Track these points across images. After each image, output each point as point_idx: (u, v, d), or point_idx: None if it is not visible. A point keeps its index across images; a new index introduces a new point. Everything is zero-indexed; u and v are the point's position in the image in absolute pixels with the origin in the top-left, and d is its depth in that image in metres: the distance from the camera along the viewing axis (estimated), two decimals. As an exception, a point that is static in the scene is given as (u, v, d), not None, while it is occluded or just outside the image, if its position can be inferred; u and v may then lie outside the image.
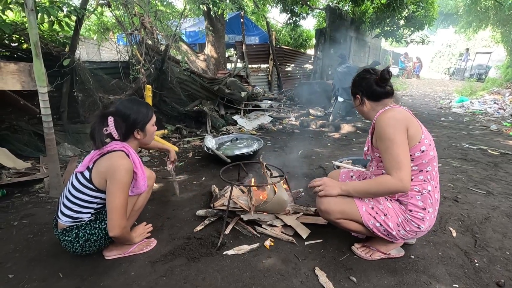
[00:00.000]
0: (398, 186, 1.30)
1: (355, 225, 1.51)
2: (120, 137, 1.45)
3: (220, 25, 7.12)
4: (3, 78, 2.44)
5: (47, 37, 3.36)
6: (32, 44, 2.08)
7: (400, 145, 1.31)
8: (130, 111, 1.47)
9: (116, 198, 1.35)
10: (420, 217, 1.41)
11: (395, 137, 1.31)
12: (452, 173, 2.91)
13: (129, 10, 3.62)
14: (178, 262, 1.56)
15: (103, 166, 1.37)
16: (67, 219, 1.42)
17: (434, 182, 1.44)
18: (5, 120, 3.08)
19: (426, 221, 1.42)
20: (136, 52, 3.72)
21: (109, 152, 1.39)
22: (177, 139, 4.26)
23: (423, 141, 1.38)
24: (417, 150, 1.37)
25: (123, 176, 1.36)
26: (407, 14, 9.54)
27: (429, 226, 1.44)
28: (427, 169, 1.41)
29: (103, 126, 1.41)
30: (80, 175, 1.42)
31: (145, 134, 1.54)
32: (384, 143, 1.34)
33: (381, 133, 1.36)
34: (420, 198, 1.41)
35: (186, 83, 4.81)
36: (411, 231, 1.44)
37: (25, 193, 2.41)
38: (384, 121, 1.36)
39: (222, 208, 2.07)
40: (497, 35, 12.60)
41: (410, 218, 1.42)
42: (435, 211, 1.45)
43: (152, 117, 1.55)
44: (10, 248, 1.69)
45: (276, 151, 3.73)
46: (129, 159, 1.42)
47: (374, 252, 1.58)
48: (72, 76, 3.39)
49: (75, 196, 1.41)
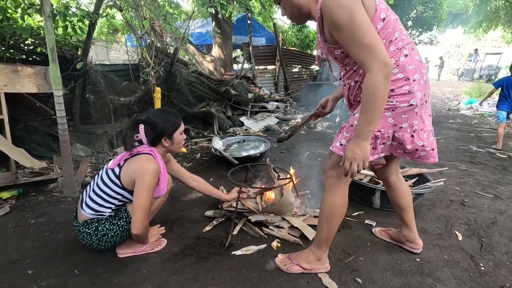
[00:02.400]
0: (386, 74, 1.05)
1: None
2: (148, 144, 1.56)
3: (227, 26, 7.18)
4: (20, 81, 2.53)
5: (61, 41, 3.46)
6: (48, 49, 2.16)
7: (362, 24, 1.04)
8: (159, 119, 1.56)
9: (143, 198, 1.44)
10: (406, 90, 1.19)
11: (354, 17, 1.03)
12: (460, 176, 2.91)
13: (139, 13, 3.70)
14: (188, 261, 1.61)
15: (132, 166, 1.46)
16: (90, 211, 1.51)
17: (409, 46, 1.20)
18: (21, 121, 3.19)
19: (416, 92, 1.19)
20: (146, 54, 3.79)
21: (139, 154, 1.49)
22: (185, 140, 4.32)
23: (379, 6, 1.13)
24: (378, 21, 1.13)
25: (151, 178, 1.45)
26: (415, 15, 9.46)
27: (423, 95, 1.22)
28: (395, 35, 1.17)
29: (134, 133, 1.52)
30: (110, 171, 1.51)
31: (173, 142, 1.61)
32: (343, 30, 1.07)
33: (335, 19, 1.06)
34: (398, 71, 1.18)
35: (194, 84, 4.87)
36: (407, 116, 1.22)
37: (40, 192, 2.49)
38: (332, 5, 1.05)
39: (230, 209, 2.12)
40: (508, 36, 12.41)
41: (396, 103, 1.19)
42: (422, 75, 1.21)
43: (179, 126, 1.63)
44: (28, 245, 1.76)
45: (283, 152, 3.76)
46: (156, 162, 1.50)
47: (293, 266, 1.53)
48: (85, 78, 3.49)
49: (102, 189, 1.50)
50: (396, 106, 1.20)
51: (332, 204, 1.39)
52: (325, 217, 1.42)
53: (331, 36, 1.16)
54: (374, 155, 1.30)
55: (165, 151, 1.66)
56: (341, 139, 1.31)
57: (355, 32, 1.04)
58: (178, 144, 1.65)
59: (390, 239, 1.80)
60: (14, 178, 2.41)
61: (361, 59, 1.08)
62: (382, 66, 1.04)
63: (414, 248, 1.68)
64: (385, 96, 1.09)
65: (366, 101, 1.10)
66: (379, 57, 1.04)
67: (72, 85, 3.28)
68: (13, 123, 2.90)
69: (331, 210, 1.40)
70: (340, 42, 1.13)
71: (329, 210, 1.40)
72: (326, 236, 1.46)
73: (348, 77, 1.32)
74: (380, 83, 1.05)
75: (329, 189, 1.39)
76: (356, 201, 2.32)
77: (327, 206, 1.40)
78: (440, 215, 2.13)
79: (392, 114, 1.22)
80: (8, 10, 2.92)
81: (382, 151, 1.31)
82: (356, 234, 1.88)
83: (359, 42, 1.05)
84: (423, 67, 1.23)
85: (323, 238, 1.47)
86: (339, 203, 1.39)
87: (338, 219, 1.42)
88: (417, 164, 3.24)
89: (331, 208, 1.39)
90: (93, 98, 3.61)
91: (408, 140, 1.26)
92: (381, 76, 1.04)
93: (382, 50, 1.05)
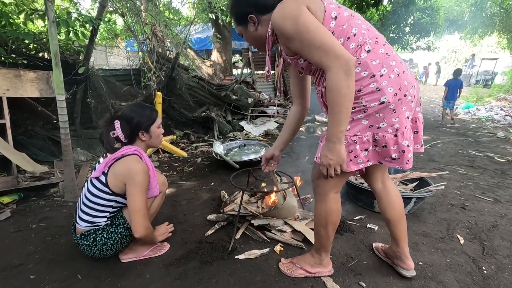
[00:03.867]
0: (346, 69, 1.00)
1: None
2: (126, 139, 1.53)
3: (227, 32, 7.26)
4: (23, 86, 2.54)
5: (63, 46, 3.48)
6: (52, 54, 2.18)
7: (309, 27, 1.02)
8: (134, 113, 1.53)
9: (136, 200, 1.42)
10: (374, 88, 1.11)
11: (300, 23, 1.02)
12: (459, 180, 2.93)
13: (141, 19, 3.74)
14: (191, 266, 1.61)
15: (119, 170, 1.44)
16: (84, 223, 1.49)
17: (371, 40, 1.13)
18: (22, 125, 3.19)
19: (386, 88, 1.11)
20: (147, 59, 3.82)
21: (124, 156, 1.46)
22: (185, 145, 4.33)
23: (328, 6, 1.11)
24: (330, 20, 1.10)
25: (141, 178, 1.42)
26: (412, 21, 9.60)
27: (397, 90, 1.12)
28: (353, 31, 1.11)
29: (110, 130, 1.50)
30: (95, 180, 1.47)
31: (150, 135, 1.58)
32: (294, 39, 1.06)
33: (283, 31, 1.06)
34: (361, 69, 1.11)
35: (194, 89, 4.90)
36: (382, 115, 1.14)
37: (41, 197, 2.49)
38: (277, 18, 1.05)
39: (232, 213, 2.13)
40: (503, 41, 12.59)
41: (365, 103, 1.12)
42: (391, 68, 1.12)
43: (156, 119, 1.59)
44: (30, 250, 1.75)
45: (283, 157, 3.77)
46: (143, 161, 1.49)
47: (297, 269, 1.53)
48: (86, 83, 3.51)
49: (91, 201, 1.47)
50: (366, 106, 1.13)
51: (324, 212, 1.37)
52: (319, 225, 1.42)
53: (288, 49, 1.17)
54: (358, 164, 1.21)
55: (146, 146, 1.62)
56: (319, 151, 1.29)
57: (304, 38, 1.03)
58: (156, 138, 1.62)
59: (385, 257, 1.65)
60: (15, 183, 2.40)
61: (319, 62, 1.04)
62: (340, 62, 0.99)
63: (402, 267, 1.50)
64: (349, 93, 1.02)
65: (331, 101, 1.05)
66: (335, 54, 1.00)
67: (74, 90, 3.29)
68: (14, 128, 2.90)
69: (324, 218, 1.38)
70: (296, 51, 1.12)
71: (323, 218, 1.39)
72: (324, 242, 1.45)
73: (318, 84, 1.29)
74: (340, 79, 1.00)
75: (319, 198, 1.39)
76: (358, 205, 2.33)
77: (320, 214, 1.39)
78: (442, 219, 2.14)
79: (365, 116, 1.15)
80: (12, 15, 2.94)
81: (368, 160, 1.23)
82: (358, 238, 1.88)
83: (311, 46, 1.03)
84: (392, 59, 1.13)
85: (321, 244, 1.47)
86: (331, 211, 1.36)
87: (333, 225, 1.40)
88: (417, 168, 3.27)
89: (324, 216, 1.38)
90: (94, 103, 3.62)
91: (391, 141, 1.17)
92: (341, 72, 1.00)
93: (337, 47, 1.01)
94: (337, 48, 1.01)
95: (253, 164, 3.12)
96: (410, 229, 1.97)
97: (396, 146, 1.18)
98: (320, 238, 1.45)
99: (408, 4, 8.47)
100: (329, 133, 1.09)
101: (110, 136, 1.49)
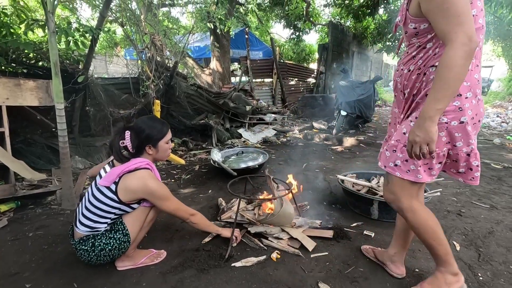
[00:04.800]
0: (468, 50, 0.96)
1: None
2: (133, 150, 1.53)
3: (225, 41, 7.35)
4: (23, 95, 2.57)
5: (63, 55, 3.53)
6: (52, 63, 2.21)
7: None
8: (145, 126, 1.55)
9: (170, 205, 1.58)
10: (457, 107, 1.13)
11: None
12: (456, 187, 2.95)
13: (140, 29, 3.80)
14: (188, 273, 1.61)
15: (134, 186, 1.46)
16: (85, 228, 1.49)
17: (476, 60, 1.13)
18: (20, 133, 3.21)
19: (467, 110, 1.13)
20: (146, 68, 3.87)
21: (136, 170, 1.48)
22: (183, 152, 4.35)
23: (475, 2, 1.08)
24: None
25: (162, 192, 1.53)
26: (408, 30, 9.73)
27: (474, 115, 1.16)
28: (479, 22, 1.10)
29: (120, 139, 1.51)
30: (104, 188, 1.48)
31: (158, 150, 1.60)
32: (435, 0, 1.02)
33: None
34: None
35: (193, 97, 4.94)
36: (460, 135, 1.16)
37: (38, 205, 2.48)
38: None
39: (229, 220, 2.13)
40: (498, 49, 12.78)
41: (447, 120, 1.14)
42: (475, 94, 1.14)
43: (166, 135, 1.61)
44: (26, 258, 1.75)
45: (281, 164, 3.79)
46: (153, 174, 1.53)
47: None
48: (85, 91, 3.54)
49: (95, 206, 1.48)
50: (448, 124, 1.15)
51: (422, 221, 1.30)
52: (427, 238, 1.31)
53: (418, 8, 1.11)
54: (432, 176, 1.25)
55: (153, 159, 1.64)
56: (394, 159, 1.28)
57: (447, 1, 0.99)
58: (163, 153, 1.64)
59: (375, 259, 1.71)
60: (13, 191, 2.41)
61: (446, 30, 1.00)
62: (466, 40, 0.96)
63: (395, 272, 1.57)
64: (462, 74, 1.00)
65: (439, 76, 1.01)
66: (466, 30, 0.96)
67: (73, 98, 3.32)
68: (13, 136, 2.91)
69: (424, 228, 1.30)
70: (427, 13, 1.07)
71: (424, 230, 1.31)
72: (444, 251, 1.32)
73: (404, 62, 1.27)
74: (459, 57, 0.97)
75: (406, 212, 1.31)
76: (355, 212, 2.34)
77: (419, 227, 1.31)
78: (438, 226, 2.15)
79: (445, 133, 1.17)
80: (13, 25, 2.99)
81: (438, 171, 1.27)
82: (355, 245, 1.89)
83: (449, 11, 0.99)
84: (479, 87, 1.16)
85: (443, 254, 1.33)
86: (425, 218, 1.30)
87: (437, 227, 1.31)
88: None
89: (423, 226, 1.30)
90: (93, 111, 3.65)
91: (463, 159, 1.21)
92: (462, 51, 0.96)
93: (471, 24, 0.97)
94: (470, 26, 0.97)
95: (251, 171, 3.13)
96: (406, 236, 1.99)
97: (465, 163, 1.23)
98: (439, 248, 1.32)
99: (404, 13, 8.61)
100: (424, 108, 1.05)
101: (119, 145, 1.51)
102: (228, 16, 6.09)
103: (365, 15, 9.16)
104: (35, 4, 7.69)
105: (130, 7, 4.07)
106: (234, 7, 7.24)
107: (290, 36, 11.60)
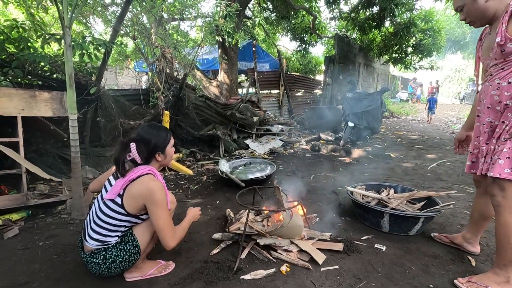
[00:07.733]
0: None
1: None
2: (142, 161, 1.55)
3: (233, 53, 7.48)
4: (37, 106, 2.64)
5: (77, 68, 3.64)
6: (67, 75, 2.28)
7: None
8: (151, 136, 1.57)
9: (160, 217, 1.47)
10: None
11: None
12: (469, 200, 2.87)
13: (151, 42, 3.91)
14: (196, 286, 1.59)
15: (136, 191, 1.46)
16: (95, 242, 1.49)
17: None
18: (33, 143, 3.28)
19: None
20: (156, 80, 3.95)
21: (139, 177, 1.48)
22: (191, 163, 4.37)
23: None
24: None
25: (159, 196, 1.47)
26: (414, 42, 9.79)
27: None
28: None
29: (126, 152, 1.52)
30: (110, 202, 1.48)
31: (165, 156, 1.64)
32: None
33: None
34: None
35: (201, 108, 5.01)
36: None
37: (49, 214, 2.51)
38: None
39: (237, 232, 2.11)
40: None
41: None
42: None
43: (170, 140, 1.66)
44: (36, 267, 1.76)
45: (289, 175, 3.77)
46: (157, 180, 1.52)
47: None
48: (97, 102, 3.62)
49: (104, 221, 1.48)
50: None
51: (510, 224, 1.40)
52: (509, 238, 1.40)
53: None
54: None
55: (159, 166, 1.66)
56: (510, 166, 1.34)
57: None
58: (170, 158, 1.68)
59: (450, 243, 1.97)
60: (24, 200, 2.44)
61: None
62: None
63: (471, 250, 1.87)
64: None
65: None
66: None
67: (85, 109, 3.40)
68: (26, 146, 2.97)
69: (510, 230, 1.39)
70: None
71: (510, 230, 1.39)
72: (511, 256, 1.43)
73: (501, 77, 1.38)
74: None
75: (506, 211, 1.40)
76: (365, 225, 2.30)
77: (508, 227, 1.39)
78: (451, 240, 2.09)
79: None
80: (30, 39, 3.11)
81: None
82: (366, 258, 1.85)
83: None
84: None
85: (508, 259, 1.43)
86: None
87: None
88: (425, 186, 3.23)
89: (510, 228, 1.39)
90: (104, 122, 3.72)
91: None
92: None
93: None
94: None
95: (258, 182, 3.12)
96: (419, 250, 1.94)
97: None
98: (509, 252, 1.41)
99: (410, 26, 8.69)
100: None
101: (126, 159, 1.52)
102: (236, 29, 6.22)
103: (371, 27, 9.25)
104: (50, 19, 7.99)
105: (142, 21, 4.20)
106: (242, 20, 7.41)
107: (296, 48, 11.75)
